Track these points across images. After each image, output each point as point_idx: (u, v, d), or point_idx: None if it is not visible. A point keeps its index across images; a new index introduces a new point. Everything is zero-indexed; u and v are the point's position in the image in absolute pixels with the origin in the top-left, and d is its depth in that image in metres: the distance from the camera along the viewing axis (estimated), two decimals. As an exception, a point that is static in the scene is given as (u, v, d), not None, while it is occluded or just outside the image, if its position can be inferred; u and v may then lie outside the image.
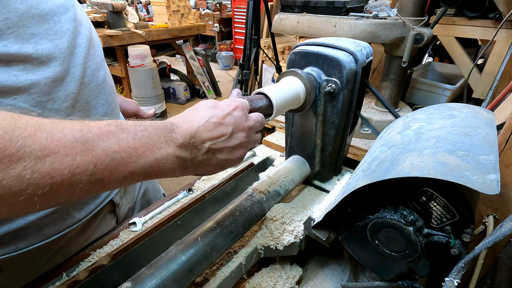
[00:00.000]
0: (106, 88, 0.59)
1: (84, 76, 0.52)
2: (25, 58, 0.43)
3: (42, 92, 0.46)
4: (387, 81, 1.14)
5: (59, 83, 0.48)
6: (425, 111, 0.59)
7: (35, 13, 0.44)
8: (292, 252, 0.62)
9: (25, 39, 0.43)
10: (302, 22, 1.09)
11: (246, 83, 2.32)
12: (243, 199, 0.62)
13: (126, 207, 0.77)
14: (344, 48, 0.60)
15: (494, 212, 0.62)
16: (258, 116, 0.48)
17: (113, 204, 0.71)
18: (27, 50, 0.43)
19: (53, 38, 0.46)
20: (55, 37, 0.47)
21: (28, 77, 0.44)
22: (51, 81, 0.46)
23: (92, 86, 0.55)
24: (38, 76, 0.45)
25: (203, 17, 6.13)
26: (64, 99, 0.49)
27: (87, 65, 0.53)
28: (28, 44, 0.43)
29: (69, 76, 0.49)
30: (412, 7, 0.98)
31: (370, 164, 0.48)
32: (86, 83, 0.53)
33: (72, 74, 0.50)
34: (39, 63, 0.45)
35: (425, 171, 0.37)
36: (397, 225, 0.45)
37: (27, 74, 0.43)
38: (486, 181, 0.34)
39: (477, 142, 0.42)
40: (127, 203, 0.77)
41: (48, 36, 0.46)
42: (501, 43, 1.35)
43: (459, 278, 0.37)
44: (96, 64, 0.56)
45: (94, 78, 0.55)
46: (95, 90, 0.56)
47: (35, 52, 0.44)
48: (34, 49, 0.44)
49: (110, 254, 0.59)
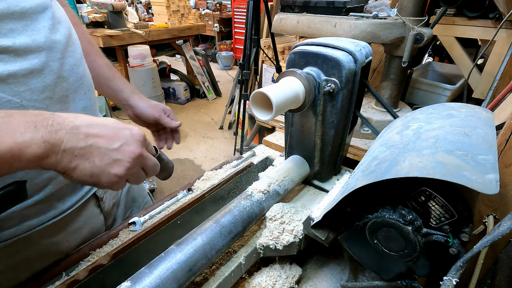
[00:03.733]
0: (85, 84, 0.61)
1: (62, 70, 0.54)
2: (3, 50, 0.45)
3: (19, 83, 0.48)
4: (387, 81, 1.14)
5: (36, 75, 0.50)
6: (424, 111, 0.59)
7: (15, 10, 0.47)
8: (292, 251, 0.62)
9: (3, 33, 0.46)
10: (302, 22, 1.09)
11: (246, 83, 2.32)
12: (242, 198, 0.62)
13: (110, 202, 0.78)
14: (343, 48, 0.60)
15: (494, 212, 0.62)
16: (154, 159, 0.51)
17: (97, 198, 0.72)
18: (4, 43, 0.45)
19: (30, 33, 0.49)
20: (32, 33, 0.49)
21: (6, 67, 0.46)
22: (28, 72, 0.49)
23: (71, 81, 0.57)
24: (15, 67, 0.47)
25: (203, 17, 6.13)
26: (42, 90, 0.51)
27: (66, 60, 0.56)
28: (6, 38, 0.46)
29: (46, 69, 0.51)
30: (412, 7, 0.98)
31: (369, 164, 0.49)
32: (64, 77, 0.55)
33: (50, 67, 0.52)
34: (16, 55, 0.47)
35: (424, 171, 0.37)
36: (396, 224, 0.45)
37: (5, 65, 0.46)
38: (485, 181, 0.34)
39: (476, 141, 0.42)
40: (111, 198, 0.78)
41: (25, 32, 0.49)
42: (501, 43, 1.35)
43: (458, 277, 0.37)
44: (76, 61, 0.58)
45: (73, 73, 0.57)
46: (74, 84, 0.58)
47: (13, 45, 0.46)
48: (12, 42, 0.46)
49: (110, 254, 0.59)
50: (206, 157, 3.15)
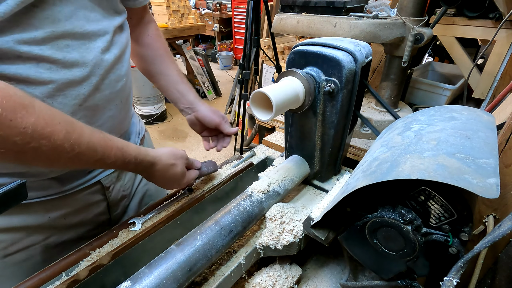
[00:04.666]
0: (119, 97, 0.68)
1: (100, 84, 0.61)
2: (54, 61, 0.51)
3: (57, 88, 0.54)
4: (387, 81, 1.14)
5: (75, 85, 0.56)
6: (426, 113, 0.59)
7: (77, 31, 0.53)
8: (292, 251, 0.62)
9: (60, 48, 0.51)
10: (302, 22, 1.09)
11: (246, 83, 2.32)
12: (242, 198, 0.62)
13: (118, 193, 0.81)
14: (343, 48, 0.60)
15: (494, 212, 0.62)
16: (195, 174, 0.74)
17: (101, 186, 0.75)
18: (57, 56, 0.51)
19: (82, 51, 0.55)
20: (85, 51, 0.55)
21: (50, 75, 0.52)
22: (68, 82, 0.54)
23: (106, 93, 0.63)
24: (58, 76, 0.53)
25: (203, 17, 6.13)
26: (75, 97, 0.57)
27: (107, 75, 0.62)
28: (60, 52, 0.52)
29: (86, 81, 0.57)
30: (412, 7, 0.97)
31: (370, 164, 0.48)
32: (100, 89, 0.61)
33: (89, 80, 0.58)
34: (63, 66, 0.53)
35: (425, 174, 0.37)
36: (395, 224, 0.45)
37: (50, 73, 0.52)
38: (486, 185, 0.34)
39: (477, 145, 0.42)
40: (121, 190, 0.82)
41: (79, 49, 0.54)
42: (501, 43, 1.35)
43: (458, 278, 0.37)
44: (117, 77, 0.65)
45: (110, 87, 0.64)
46: (108, 96, 0.64)
47: (63, 58, 0.52)
48: (63, 56, 0.52)
49: (110, 254, 0.59)
50: (206, 157, 3.15)
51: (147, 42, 0.84)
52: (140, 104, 3.68)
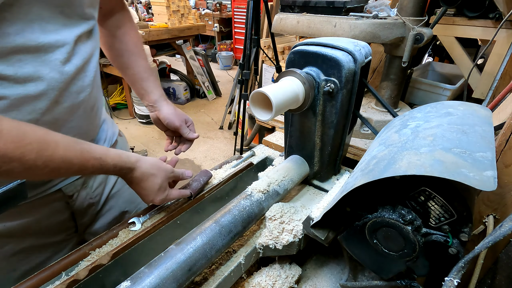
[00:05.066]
0: (82, 108, 0.64)
1: (60, 97, 0.57)
2: (4, 77, 0.49)
3: (10, 104, 0.51)
4: (387, 81, 1.14)
5: (30, 100, 0.53)
6: (422, 110, 0.59)
7: (31, 44, 0.50)
8: (291, 251, 0.62)
9: (11, 63, 0.49)
10: (302, 22, 1.09)
11: (246, 83, 2.32)
12: (242, 198, 0.62)
13: (84, 201, 0.78)
14: (343, 48, 0.60)
15: (494, 212, 0.62)
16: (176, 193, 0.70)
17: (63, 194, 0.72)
18: (8, 72, 0.49)
19: (37, 64, 0.52)
20: (40, 64, 0.52)
21: (3, 91, 0.49)
22: (22, 97, 0.52)
23: (66, 105, 0.60)
24: (10, 92, 0.50)
25: (203, 17, 6.13)
26: (30, 112, 0.54)
27: (67, 88, 0.58)
28: (12, 67, 0.49)
29: (43, 96, 0.54)
30: (412, 7, 0.97)
31: (368, 163, 0.49)
32: (60, 102, 0.58)
33: (48, 94, 0.55)
34: (15, 82, 0.50)
35: (422, 169, 0.37)
36: (395, 224, 0.45)
37: (2, 89, 0.49)
38: (483, 177, 0.34)
39: (474, 139, 0.42)
40: (87, 198, 0.78)
41: (33, 63, 0.51)
42: (501, 43, 1.35)
43: (459, 278, 0.37)
44: (79, 88, 0.62)
45: (71, 99, 0.60)
46: (69, 108, 0.61)
47: (15, 74, 0.49)
48: (14, 72, 0.49)
49: (110, 254, 0.59)
50: (206, 157, 3.15)
51: (117, 34, 0.82)
52: (140, 104, 3.68)
